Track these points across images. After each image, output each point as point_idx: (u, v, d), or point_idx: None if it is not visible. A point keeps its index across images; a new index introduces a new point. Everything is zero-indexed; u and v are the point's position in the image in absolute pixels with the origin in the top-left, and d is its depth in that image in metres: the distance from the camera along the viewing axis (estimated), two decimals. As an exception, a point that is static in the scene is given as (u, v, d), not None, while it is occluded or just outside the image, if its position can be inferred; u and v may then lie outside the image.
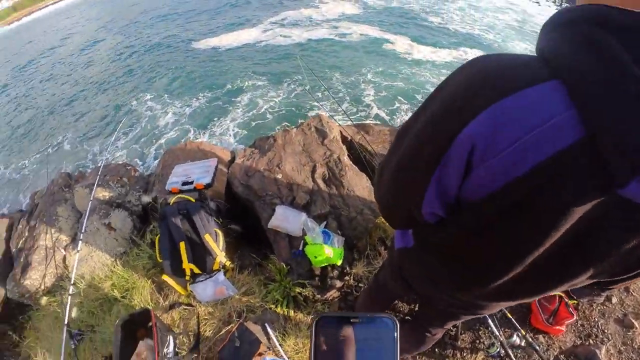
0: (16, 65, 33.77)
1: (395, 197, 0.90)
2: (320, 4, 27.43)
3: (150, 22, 33.82)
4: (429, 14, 24.81)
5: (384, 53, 17.12)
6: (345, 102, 12.18)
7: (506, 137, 0.60)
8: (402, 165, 0.82)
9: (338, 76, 14.67)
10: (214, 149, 3.85)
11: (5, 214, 4.95)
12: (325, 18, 23.74)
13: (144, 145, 12.66)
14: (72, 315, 3.12)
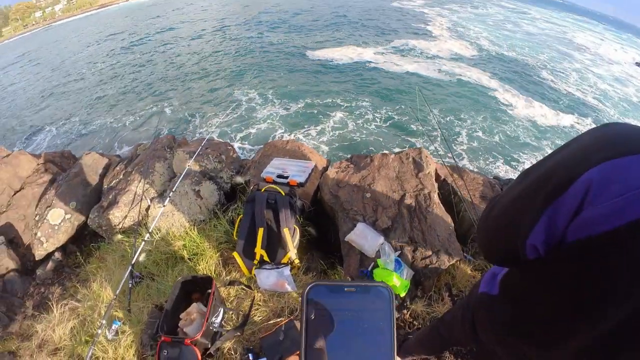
0: (147, 33, 37.05)
1: (505, 226, 0.94)
2: (436, 39, 27.78)
3: (273, 23, 35.80)
4: (542, 70, 24.13)
5: (487, 102, 17.02)
6: (436, 142, 12.03)
7: (614, 189, 0.66)
8: (522, 194, 0.87)
9: (437, 113, 14.65)
10: (313, 152, 4.00)
11: (103, 154, 5.38)
12: (437, 54, 23.93)
13: (235, 130, 13.31)
14: (139, 259, 3.31)
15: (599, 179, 0.68)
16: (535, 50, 30.08)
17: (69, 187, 4.70)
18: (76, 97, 21.51)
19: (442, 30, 32.57)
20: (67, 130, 16.90)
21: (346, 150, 11.78)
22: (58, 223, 4.40)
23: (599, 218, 0.68)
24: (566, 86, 21.84)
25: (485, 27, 36.62)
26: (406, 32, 30.23)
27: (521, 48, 30.04)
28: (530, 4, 71.98)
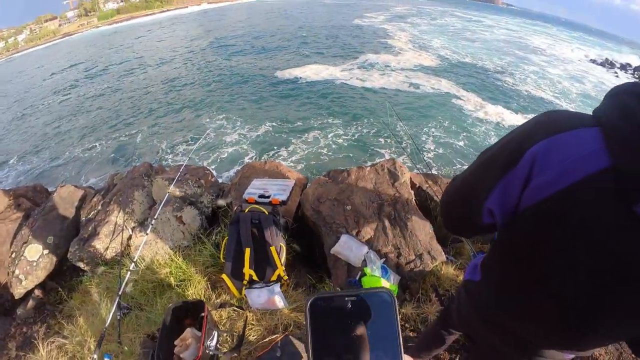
0: (111, 62, 36.69)
1: (465, 194, 1.10)
2: (399, 53, 28.49)
3: (237, 47, 35.98)
4: (502, 74, 25.20)
5: (452, 108, 17.65)
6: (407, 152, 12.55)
7: (556, 158, 0.82)
8: (482, 167, 1.03)
9: (404, 124, 14.99)
10: (291, 171, 4.08)
11: (78, 186, 5.32)
12: (402, 67, 24.56)
13: (207, 156, 13.35)
14: (126, 290, 3.29)
15: (542, 152, 0.85)
16: (494, 55, 31.24)
17: (45, 222, 4.62)
18: (43, 129, 21.00)
19: (405, 43, 33.47)
20: (36, 163, 16.46)
21: (321, 167, 11.92)
22: (36, 259, 4.32)
23: (544, 184, 0.84)
24: (526, 87, 22.76)
25: (445, 38, 37.81)
26: (370, 48, 30.94)
27: (480, 55, 31.16)
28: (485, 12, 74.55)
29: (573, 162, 0.80)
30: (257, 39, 38.67)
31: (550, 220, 0.87)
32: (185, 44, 42.35)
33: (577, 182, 0.80)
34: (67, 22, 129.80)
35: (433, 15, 62.82)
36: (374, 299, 0.50)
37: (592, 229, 0.81)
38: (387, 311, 0.49)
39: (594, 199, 0.79)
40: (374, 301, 0.49)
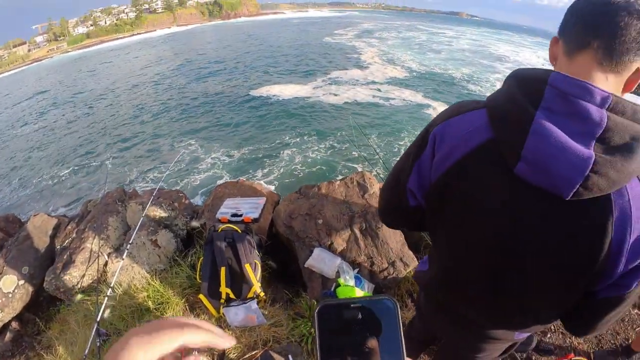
0: (80, 88, 36.22)
1: (392, 180, 1.25)
2: (369, 66, 28.97)
3: (209, 66, 36.13)
4: (469, 83, 25.93)
5: (423, 118, 18.09)
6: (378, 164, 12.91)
7: (449, 136, 1.00)
8: (403, 156, 1.20)
9: (375, 138, 15.25)
10: (263, 189, 4.17)
11: (51, 215, 5.29)
12: (372, 80, 24.99)
13: (177, 181, 13.28)
14: (104, 316, 3.31)
15: (440, 132, 1.03)
16: (460, 65, 32.02)
17: (20, 252, 4.58)
18: (12, 159, 20.67)
19: (373, 58, 34.19)
20: (6, 193, 16.19)
21: (296, 184, 12.02)
22: (12, 290, 4.28)
23: (441, 159, 1.01)
24: None
25: (412, 51, 38.65)
26: (340, 64, 31.52)
27: (446, 65, 31.99)
28: (450, 24, 76.24)
29: (462, 137, 0.97)
30: (226, 60, 38.96)
31: (449, 190, 1.03)
32: (155, 67, 42.29)
33: (467, 154, 0.96)
34: (37, 47, 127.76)
35: (400, 29, 64.13)
36: (378, 306, 0.50)
37: (481, 192, 0.96)
38: (391, 317, 0.50)
39: (481, 166, 0.95)
40: (378, 308, 0.50)
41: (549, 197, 0.86)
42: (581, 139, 0.79)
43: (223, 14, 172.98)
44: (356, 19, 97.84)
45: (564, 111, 0.81)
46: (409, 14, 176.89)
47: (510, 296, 1.09)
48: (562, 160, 0.79)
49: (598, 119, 0.77)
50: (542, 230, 0.91)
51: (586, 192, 0.80)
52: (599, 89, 0.78)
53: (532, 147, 0.83)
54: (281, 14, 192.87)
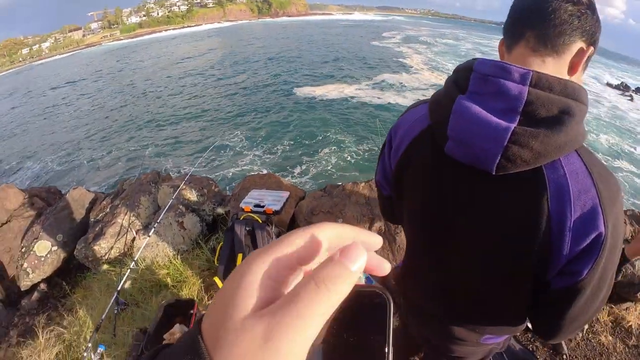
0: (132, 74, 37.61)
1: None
2: (414, 72, 28.77)
3: (258, 63, 36.61)
4: None
5: None
6: None
7: (399, 129, 1.14)
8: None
9: None
10: (289, 184, 4.27)
11: (89, 190, 5.58)
12: (418, 86, 24.74)
13: (217, 169, 13.55)
14: (125, 286, 3.48)
15: (394, 129, 1.17)
16: None
17: (56, 221, 4.86)
18: (61, 135, 21.73)
19: (419, 64, 33.79)
20: (52, 166, 17.08)
21: (325, 184, 12.08)
22: (44, 255, 4.54)
23: (394, 150, 1.14)
24: None
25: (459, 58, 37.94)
26: (385, 68, 31.32)
27: None
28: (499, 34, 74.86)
29: (408, 128, 1.09)
30: (273, 57, 39.36)
31: (403, 177, 1.12)
32: (203, 59, 43.34)
33: (411, 142, 1.07)
34: (91, 33, 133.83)
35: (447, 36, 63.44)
36: (366, 299, 0.38)
37: (422, 175, 1.04)
38: (380, 313, 0.38)
39: (421, 151, 1.03)
40: (366, 302, 0.38)
41: (478, 173, 0.87)
42: (503, 115, 0.81)
43: (272, 12, 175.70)
44: (402, 24, 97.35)
45: (486, 92, 0.84)
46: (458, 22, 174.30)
47: (455, 281, 1.10)
48: (480, 132, 0.82)
49: (517, 94, 0.79)
50: (474, 208, 0.93)
51: (510, 164, 0.81)
52: (517, 67, 0.80)
53: (453, 125, 0.88)
54: (329, 15, 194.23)
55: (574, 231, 0.80)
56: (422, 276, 1.24)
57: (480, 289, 1.06)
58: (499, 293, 1.03)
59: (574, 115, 0.78)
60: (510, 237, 0.89)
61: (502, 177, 0.84)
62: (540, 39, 0.86)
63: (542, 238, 0.83)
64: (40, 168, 17.26)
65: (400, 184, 1.15)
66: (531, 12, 0.87)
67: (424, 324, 1.39)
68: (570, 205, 0.79)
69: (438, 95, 0.99)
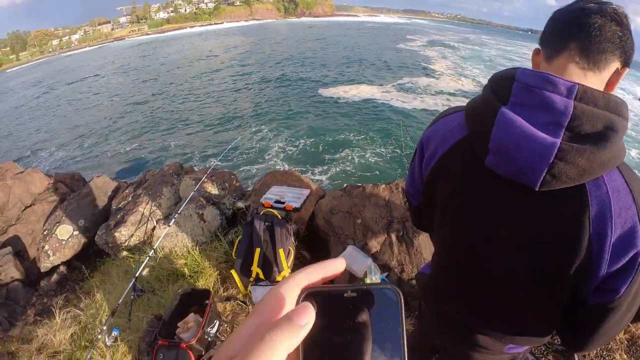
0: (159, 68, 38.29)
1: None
2: (440, 76, 28.59)
3: (284, 61, 36.81)
4: None
5: None
6: None
7: (433, 136, 1.11)
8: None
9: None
10: (310, 182, 4.28)
11: (112, 178, 5.68)
12: (441, 90, 24.62)
13: (238, 164, 13.70)
14: (143, 273, 3.52)
15: (425, 138, 1.16)
16: None
17: (79, 206, 4.95)
18: (87, 124, 22.19)
19: (444, 68, 33.54)
20: (77, 154, 17.43)
21: (344, 183, 12.07)
22: (66, 239, 4.63)
23: (428, 158, 1.13)
24: None
25: (484, 64, 37.54)
26: (411, 71, 31.12)
27: None
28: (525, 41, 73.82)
29: (442, 137, 1.07)
30: (299, 56, 39.43)
31: (435, 188, 1.12)
32: (229, 55, 43.82)
33: (445, 152, 1.05)
34: (120, 27, 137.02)
35: (473, 42, 63.07)
36: (378, 297, 0.39)
37: (458, 187, 1.03)
38: (392, 311, 0.39)
39: (457, 162, 1.02)
40: (378, 299, 0.39)
41: (520, 188, 0.86)
42: (548, 129, 0.80)
43: (298, 12, 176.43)
44: (428, 28, 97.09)
45: (530, 103, 0.83)
46: (484, 28, 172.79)
47: (489, 291, 1.08)
48: (526, 147, 0.81)
49: (562, 108, 0.78)
50: (515, 220, 0.91)
51: (554, 181, 0.80)
52: (563, 79, 0.79)
53: (496, 138, 0.86)
54: (354, 17, 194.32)
55: (614, 249, 0.80)
56: (453, 284, 1.21)
57: (514, 301, 1.05)
58: (533, 305, 1.02)
59: (617, 131, 0.78)
60: (550, 253, 0.88)
61: (545, 192, 0.83)
62: (584, 52, 0.85)
63: (583, 255, 0.83)
64: (65, 155, 17.62)
65: (432, 194, 1.15)
66: (576, 25, 0.86)
67: (447, 330, 1.35)
68: (612, 223, 0.79)
69: (475, 103, 0.98)
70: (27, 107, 31.28)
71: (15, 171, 5.92)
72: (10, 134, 23.84)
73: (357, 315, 0.38)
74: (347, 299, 0.39)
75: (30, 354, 3.18)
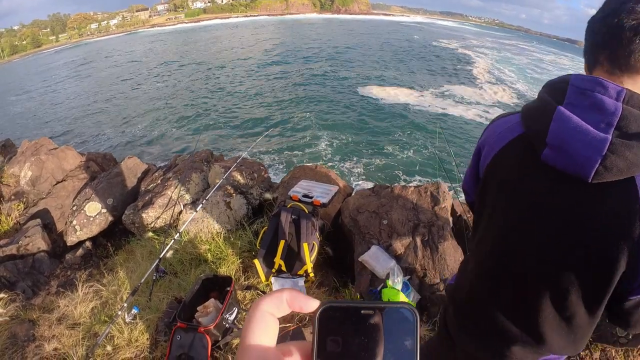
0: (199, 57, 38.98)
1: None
2: (482, 86, 28.29)
3: (319, 54, 37.01)
4: None
5: None
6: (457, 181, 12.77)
7: (490, 137, 1.19)
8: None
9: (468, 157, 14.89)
10: (338, 179, 4.25)
11: (143, 161, 5.77)
12: (479, 101, 24.36)
13: (268, 156, 13.96)
14: (167, 255, 3.55)
15: (483, 139, 1.24)
16: None
17: (109, 185, 5.04)
18: (122, 107, 22.76)
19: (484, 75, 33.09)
20: (109, 136, 17.79)
21: (374, 181, 12.04)
22: (94, 215, 4.72)
23: (486, 154, 1.19)
24: None
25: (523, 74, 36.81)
26: (450, 77, 30.78)
27: None
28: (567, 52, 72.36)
29: (498, 136, 1.14)
30: (336, 54, 39.32)
31: (488, 184, 1.18)
32: (265, 47, 44.23)
33: (501, 149, 1.11)
34: (157, 14, 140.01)
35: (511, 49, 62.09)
36: (394, 315, 0.41)
37: (512, 181, 1.08)
38: (407, 331, 0.40)
39: (512, 158, 1.08)
40: (393, 317, 0.40)
41: (574, 180, 0.92)
42: (600, 127, 0.87)
43: (334, 8, 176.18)
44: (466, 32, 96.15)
45: (583, 104, 0.91)
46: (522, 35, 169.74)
47: (531, 292, 1.08)
48: (582, 141, 0.87)
49: (613, 109, 0.86)
50: (565, 215, 0.96)
51: (606, 172, 0.85)
52: (613, 84, 0.87)
53: (554, 132, 0.93)
54: (390, 16, 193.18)
55: None
56: (492, 289, 1.20)
57: (557, 300, 1.04)
58: (577, 304, 1.02)
59: None
60: (600, 243, 0.92)
61: (596, 185, 0.89)
62: (614, 62, 0.91)
63: (632, 246, 0.87)
64: (99, 135, 18.11)
65: (484, 191, 1.21)
66: (608, 36, 0.91)
67: (478, 340, 1.31)
68: None
69: (532, 105, 1.06)
70: (65, 87, 32.20)
71: (49, 147, 6.08)
72: (46, 112, 24.60)
73: (373, 332, 0.39)
74: (364, 315, 0.40)
75: (50, 323, 3.24)
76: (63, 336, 3.03)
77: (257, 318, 0.37)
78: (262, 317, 0.37)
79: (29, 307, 3.70)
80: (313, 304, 0.39)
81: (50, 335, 3.08)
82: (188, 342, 2.58)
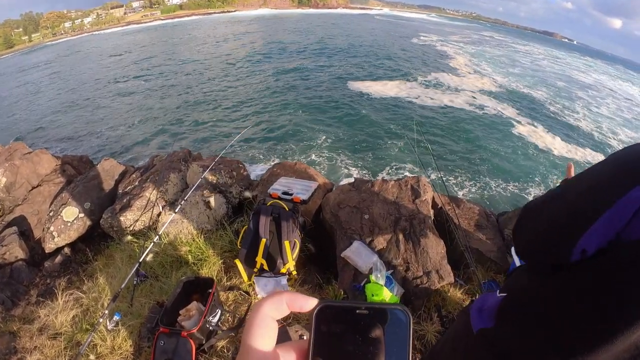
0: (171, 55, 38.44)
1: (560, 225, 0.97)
2: (464, 75, 28.76)
3: (300, 49, 37.23)
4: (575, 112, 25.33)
5: (508, 133, 17.88)
6: (454, 172, 13.23)
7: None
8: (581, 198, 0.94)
9: (453, 145, 15.49)
10: (318, 175, 4.23)
11: (120, 163, 5.67)
12: (464, 88, 24.86)
13: (248, 153, 13.90)
14: (147, 259, 3.50)
15: None
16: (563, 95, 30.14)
17: (86, 189, 4.94)
18: (96, 108, 22.33)
19: (463, 67, 33.55)
20: (84, 138, 17.47)
21: (360, 175, 12.08)
22: (71, 220, 4.62)
23: None
24: (581, 123, 22.53)
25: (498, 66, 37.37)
26: (432, 69, 31.10)
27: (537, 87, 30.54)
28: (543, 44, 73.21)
29: None
30: (322, 49, 39.22)
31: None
32: (245, 43, 43.87)
33: None
34: (132, 11, 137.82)
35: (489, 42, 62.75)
36: (388, 316, 0.43)
37: None
38: (401, 331, 0.43)
39: None
40: (388, 318, 0.43)
41: None
42: None
43: (312, 3, 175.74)
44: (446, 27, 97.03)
45: None
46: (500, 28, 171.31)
47: None
48: None
49: None
50: None
51: None
52: None
53: None
54: (368, 10, 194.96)
55: None
56: None
57: None
58: None
59: None
60: None
61: None
62: None
63: None
64: (73, 137, 17.73)
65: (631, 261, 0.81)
66: None
67: None
68: None
69: None
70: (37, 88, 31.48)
71: (23, 151, 5.94)
72: (19, 115, 24.02)
73: (367, 331, 0.42)
74: (359, 315, 0.43)
75: (31, 334, 3.19)
76: (45, 347, 2.98)
77: (258, 322, 0.39)
78: (262, 320, 0.39)
79: (9, 319, 3.62)
80: (312, 303, 0.42)
81: (32, 347, 3.04)
82: (172, 347, 2.55)
